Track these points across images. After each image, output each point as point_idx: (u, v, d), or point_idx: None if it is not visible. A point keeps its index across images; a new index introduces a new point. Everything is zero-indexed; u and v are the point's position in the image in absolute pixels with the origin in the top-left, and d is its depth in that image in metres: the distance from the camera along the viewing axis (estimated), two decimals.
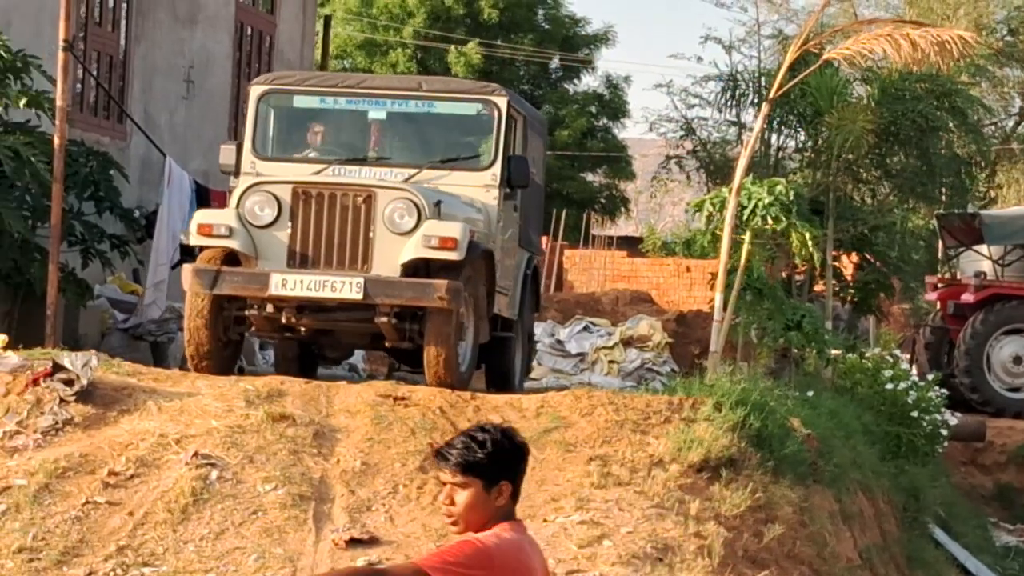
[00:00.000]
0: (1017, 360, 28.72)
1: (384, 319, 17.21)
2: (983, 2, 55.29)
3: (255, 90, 19.21)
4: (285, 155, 18.91)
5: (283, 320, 17.56)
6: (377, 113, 19.15)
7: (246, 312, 17.61)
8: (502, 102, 18.71)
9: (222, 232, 17.31)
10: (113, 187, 22.52)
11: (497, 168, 18.48)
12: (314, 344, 19.03)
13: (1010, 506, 24.16)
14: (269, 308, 17.44)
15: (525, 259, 20.65)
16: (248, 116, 18.97)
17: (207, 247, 17.50)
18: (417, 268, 17.21)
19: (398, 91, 19.20)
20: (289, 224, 17.32)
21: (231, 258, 17.40)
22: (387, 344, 18.21)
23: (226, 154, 18.83)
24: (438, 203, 17.35)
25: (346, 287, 16.97)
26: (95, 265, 22.63)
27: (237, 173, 18.63)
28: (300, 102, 19.26)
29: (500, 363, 19.86)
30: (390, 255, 17.21)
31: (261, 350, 22.87)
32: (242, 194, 17.51)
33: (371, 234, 17.29)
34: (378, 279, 17.07)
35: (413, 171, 18.60)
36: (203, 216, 17.89)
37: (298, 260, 17.31)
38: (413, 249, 17.05)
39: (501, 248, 19.17)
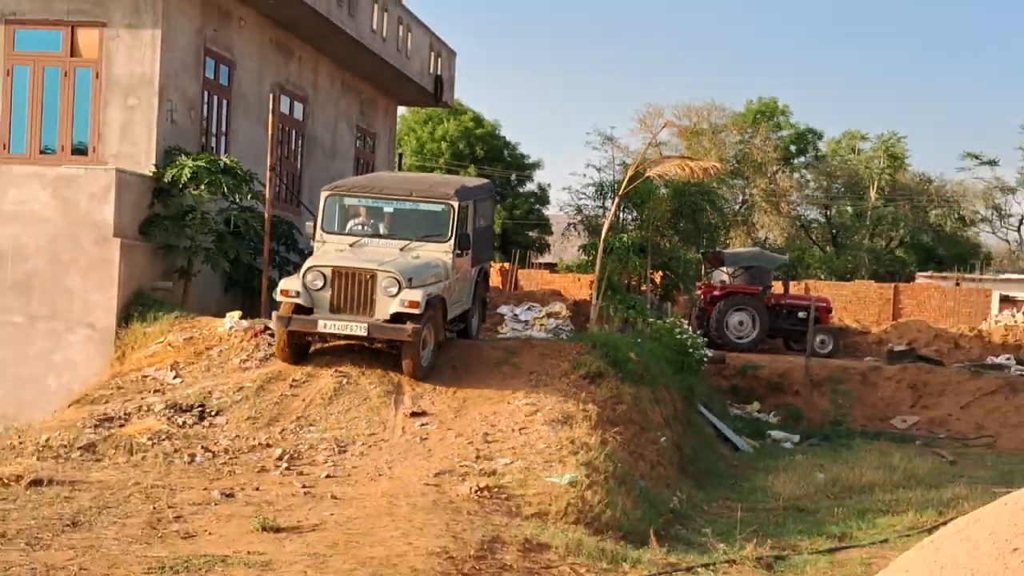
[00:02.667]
0: (740, 323, 28.10)
1: (379, 344, 16.48)
2: (724, 147, 55.52)
3: (323, 193, 17.79)
4: (338, 231, 17.46)
5: (327, 341, 16.83)
6: (388, 208, 17.62)
7: (309, 337, 16.64)
8: (455, 204, 17.30)
9: (293, 293, 16.17)
10: (293, 238, 21.92)
11: (451, 243, 17.19)
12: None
13: (737, 396, 24.14)
14: (321, 334, 16.49)
15: (477, 270, 19.12)
16: (320, 207, 17.63)
17: (285, 300, 16.21)
18: (401, 315, 15.97)
19: (399, 196, 17.62)
20: (330, 289, 16.15)
21: (302, 304, 16.24)
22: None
23: (308, 228, 17.82)
24: (411, 279, 16.11)
25: (358, 328, 15.97)
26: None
27: (313, 238, 17.52)
28: (347, 200, 17.67)
29: (464, 327, 18.78)
30: (384, 308, 16.02)
31: None
32: (305, 271, 16.33)
33: (374, 296, 16.09)
34: (375, 323, 15.99)
35: (407, 242, 17.19)
36: (283, 283, 16.59)
37: (335, 309, 16.13)
38: (395, 306, 15.90)
39: (457, 284, 17.75)
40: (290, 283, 16.30)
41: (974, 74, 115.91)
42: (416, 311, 15.79)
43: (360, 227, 17.38)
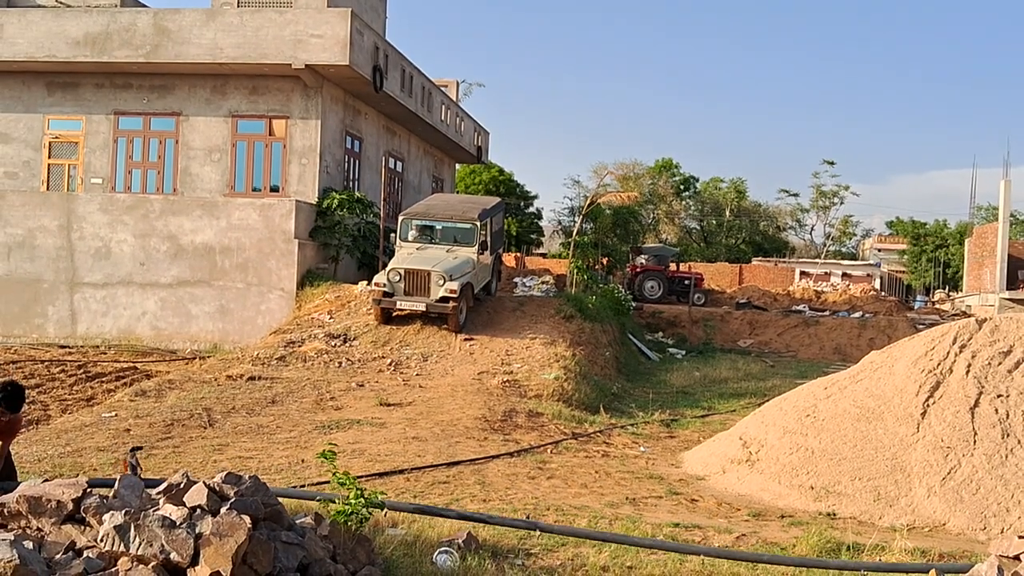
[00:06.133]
0: (651, 287, 27.38)
1: (434, 314, 15.14)
2: (642, 186, 54.46)
3: (400, 216, 16.72)
4: (408, 240, 16.20)
5: (401, 312, 15.42)
6: (437, 226, 16.36)
7: (391, 310, 15.29)
8: (478, 223, 16.13)
9: (382, 284, 15.15)
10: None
11: (476, 246, 16.02)
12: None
13: (650, 328, 23.52)
14: (398, 308, 15.27)
15: (494, 256, 17.61)
16: (398, 225, 16.50)
17: (376, 288, 15.26)
18: (445, 297, 14.95)
19: (444, 219, 16.31)
20: (404, 281, 15.06)
21: (387, 291, 15.21)
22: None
23: (392, 239, 16.98)
24: (451, 275, 15.07)
25: (420, 305, 14.95)
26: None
27: (394, 244, 16.53)
28: (414, 222, 16.29)
29: (487, 290, 17.37)
30: (436, 293, 14.90)
31: None
32: (388, 270, 15.31)
33: (429, 285, 14.98)
34: (430, 302, 14.93)
35: (451, 246, 16.06)
36: (376, 278, 15.49)
37: (406, 293, 15.06)
38: (442, 292, 14.89)
39: (480, 271, 16.37)
40: (380, 278, 15.45)
41: (789, 137, 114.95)
42: (455, 295, 15.00)
43: (422, 237, 16.46)
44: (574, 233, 22.91)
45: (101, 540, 4.05)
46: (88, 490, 4.40)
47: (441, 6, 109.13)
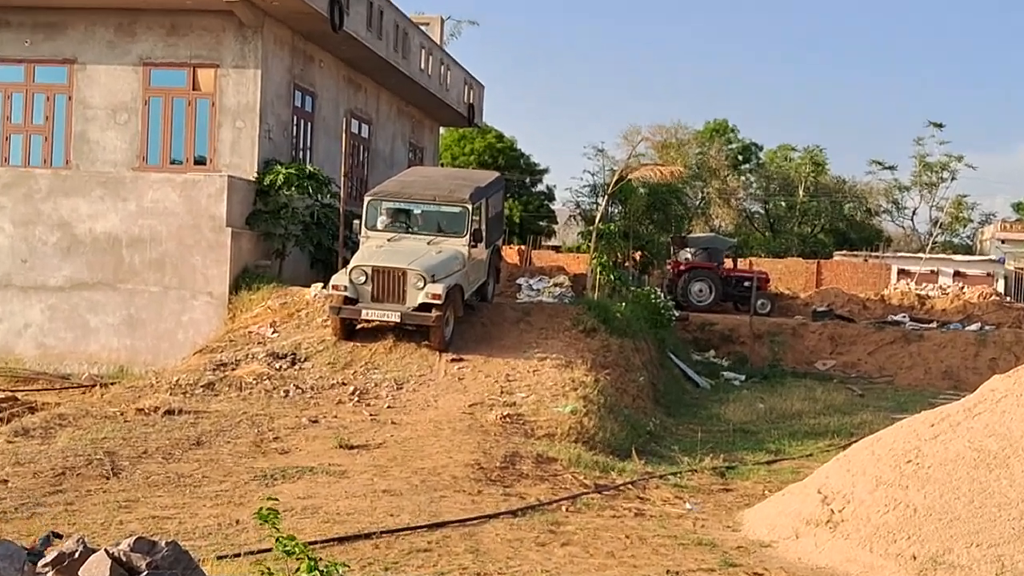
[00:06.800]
0: (700, 291, 27.52)
1: (411, 326, 15.43)
2: (687, 156, 54.52)
3: (367, 197, 16.97)
4: (377, 228, 16.46)
5: (368, 324, 15.80)
6: (416, 210, 16.70)
7: (355, 322, 15.73)
8: (470, 206, 16.35)
9: (342, 287, 15.40)
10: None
11: (467, 237, 16.23)
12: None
13: (698, 345, 23.80)
14: (363, 319, 15.69)
15: (491, 250, 17.88)
16: (364, 209, 16.77)
17: (335, 293, 15.52)
18: (426, 304, 15.17)
19: (425, 201, 16.60)
20: (371, 283, 15.31)
21: (349, 296, 15.43)
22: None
23: (356, 227, 17.23)
24: (433, 275, 15.27)
25: (393, 315, 15.20)
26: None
27: (359, 235, 16.71)
28: (385, 204, 16.56)
29: (482, 295, 17.64)
30: (413, 299, 15.17)
31: None
32: (351, 269, 15.59)
33: (405, 288, 15.23)
34: (406, 311, 15.18)
35: (432, 237, 16.34)
36: (334, 279, 15.85)
37: (375, 299, 15.29)
38: (422, 297, 15.11)
39: (472, 269, 16.65)
40: (339, 279, 15.66)
41: (882, 94, 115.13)
42: (439, 301, 15.11)
43: (396, 224, 16.58)
44: (597, 220, 22.92)
45: None
46: None
47: None
